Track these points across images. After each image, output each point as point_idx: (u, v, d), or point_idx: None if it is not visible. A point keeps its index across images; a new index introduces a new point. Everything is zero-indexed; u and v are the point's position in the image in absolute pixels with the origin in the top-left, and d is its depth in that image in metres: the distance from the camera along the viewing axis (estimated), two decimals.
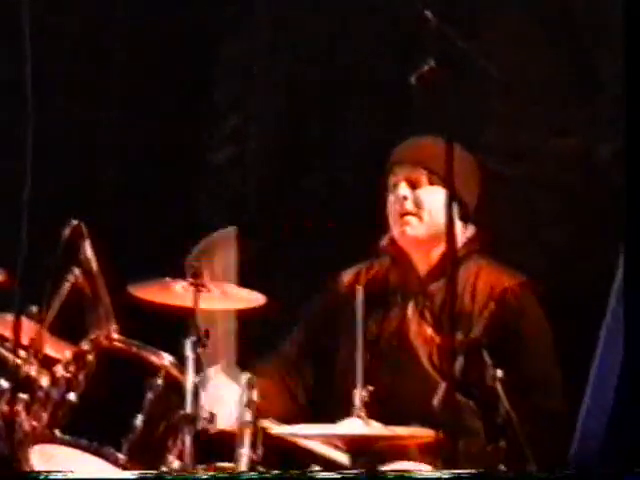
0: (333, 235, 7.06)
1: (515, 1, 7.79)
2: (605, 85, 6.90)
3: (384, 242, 6.33)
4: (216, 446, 5.79)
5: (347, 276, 6.32)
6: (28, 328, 5.75)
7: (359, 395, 5.44)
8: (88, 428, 5.78)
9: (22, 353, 5.69)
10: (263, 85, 8.60)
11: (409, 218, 6.02)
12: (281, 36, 8.73)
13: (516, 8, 7.73)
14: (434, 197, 5.80)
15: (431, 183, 5.76)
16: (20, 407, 5.64)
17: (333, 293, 6.39)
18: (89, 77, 8.80)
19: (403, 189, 6.04)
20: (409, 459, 5.84)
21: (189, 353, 5.66)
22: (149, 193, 8.56)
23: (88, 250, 5.99)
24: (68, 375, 5.83)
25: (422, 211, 5.97)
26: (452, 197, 5.11)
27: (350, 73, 7.80)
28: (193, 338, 5.66)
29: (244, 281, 6.20)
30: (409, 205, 6.00)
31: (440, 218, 5.46)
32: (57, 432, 5.71)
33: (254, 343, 6.52)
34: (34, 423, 5.72)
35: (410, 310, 6.13)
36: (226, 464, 5.67)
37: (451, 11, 6.79)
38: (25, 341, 5.72)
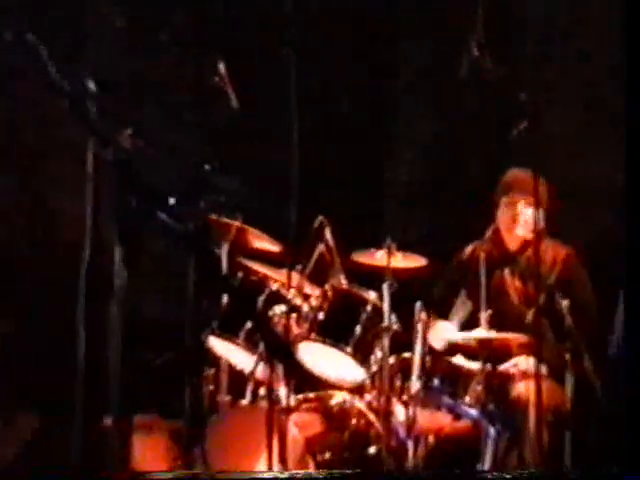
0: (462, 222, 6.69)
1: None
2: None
3: (489, 232, 6.37)
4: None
5: (468, 249, 6.41)
6: (296, 277, 5.93)
7: (484, 316, 5.71)
8: (330, 333, 5.86)
9: (292, 291, 5.86)
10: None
11: (520, 225, 6.20)
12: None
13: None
14: (529, 213, 5.92)
15: (535, 206, 5.65)
16: (292, 321, 5.80)
17: (459, 259, 6.49)
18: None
19: (523, 208, 6.14)
20: (511, 355, 5.97)
21: (385, 292, 5.81)
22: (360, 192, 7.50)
23: (328, 233, 5.98)
24: (318, 304, 5.93)
25: (528, 223, 6.01)
26: (543, 214, 5.73)
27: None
28: (388, 283, 5.79)
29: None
30: (523, 218, 6.11)
31: (531, 223, 5.85)
32: (313, 335, 5.87)
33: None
34: (300, 330, 5.85)
35: (506, 272, 6.30)
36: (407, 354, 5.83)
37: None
38: (294, 284, 5.85)
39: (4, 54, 2.83)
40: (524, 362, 5.88)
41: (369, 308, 5.94)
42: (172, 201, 2.75)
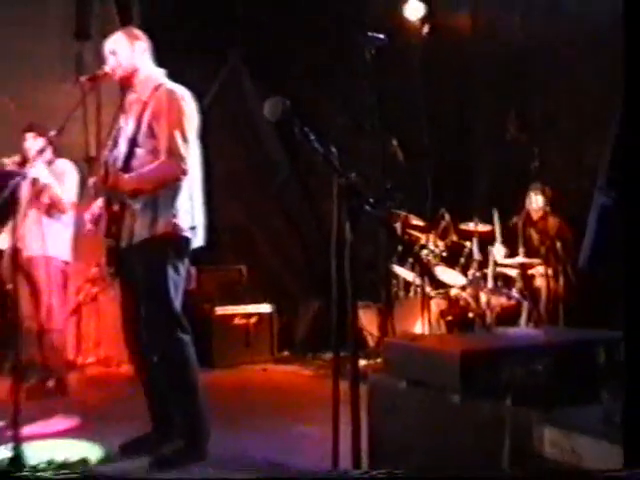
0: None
1: None
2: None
3: (524, 210, 6.11)
4: None
5: (514, 219, 6.09)
6: (432, 237, 5.98)
7: (521, 250, 5.76)
8: (449, 262, 6.03)
9: (431, 243, 5.95)
10: None
11: (536, 206, 6.00)
12: None
13: None
14: (542, 199, 5.79)
15: (542, 196, 5.73)
16: (431, 257, 5.96)
17: (510, 224, 6.06)
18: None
19: (537, 197, 5.98)
20: (533, 268, 5.82)
21: (474, 242, 5.88)
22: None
23: (447, 215, 6.09)
24: (443, 249, 6.03)
25: (539, 206, 5.93)
26: (547, 200, 5.80)
27: None
28: (475, 239, 5.86)
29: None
30: (536, 202, 5.99)
31: (542, 206, 5.84)
32: (441, 263, 6.03)
33: None
34: (435, 261, 5.98)
35: (532, 229, 6.06)
36: (486, 270, 5.81)
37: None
38: (431, 240, 5.95)
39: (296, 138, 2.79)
40: (540, 271, 5.79)
41: (467, 250, 6.01)
42: (372, 201, 2.75)
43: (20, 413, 3.15)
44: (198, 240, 3.53)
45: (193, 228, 3.48)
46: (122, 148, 3.48)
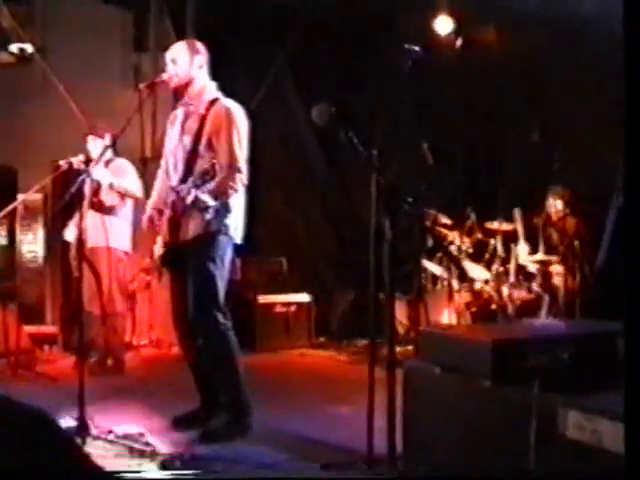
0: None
1: None
2: None
3: (543, 211, 5.85)
4: None
5: (535, 220, 5.86)
6: (460, 234, 5.94)
7: (541, 248, 5.69)
8: (474, 257, 5.93)
9: (458, 240, 5.92)
10: None
11: (555, 209, 5.73)
12: None
13: None
14: (561, 202, 5.62)
15: (561, 199, 5.59)
16: (458, 252, 5.90)
17: (532, 224, 5.85)
18: None
19: (556, 201, 5.74)
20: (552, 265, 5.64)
21: (498, 240, 5.85)
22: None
23: (472, 215, 6.03)
24: (469, 245, 5.93)
25: (558, 208, 5.71)
26: (566, 202, 5.64)
27: None
28: (498, 237, 5.82)
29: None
30: (555, 207, 5.74)
31: (562, 209, 5.64)
32: (467, 258, 5.90)
33: None
34: (461, 256, 5.87)
35: (551, 229, 5.79)
36: (508, 265, 5.79)
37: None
38: (458, 237, 5.91)
39: (338, 144, 2.89)
40: (558, 268, 5.61)
41: (491, 247, 5.94)
42: (410, 200, 2.95)
43: (84, 387, 3.20)
44: (237, 239, 3.57)
45: (235, 229, 3.53)
46: (182, 160, 3.49)
